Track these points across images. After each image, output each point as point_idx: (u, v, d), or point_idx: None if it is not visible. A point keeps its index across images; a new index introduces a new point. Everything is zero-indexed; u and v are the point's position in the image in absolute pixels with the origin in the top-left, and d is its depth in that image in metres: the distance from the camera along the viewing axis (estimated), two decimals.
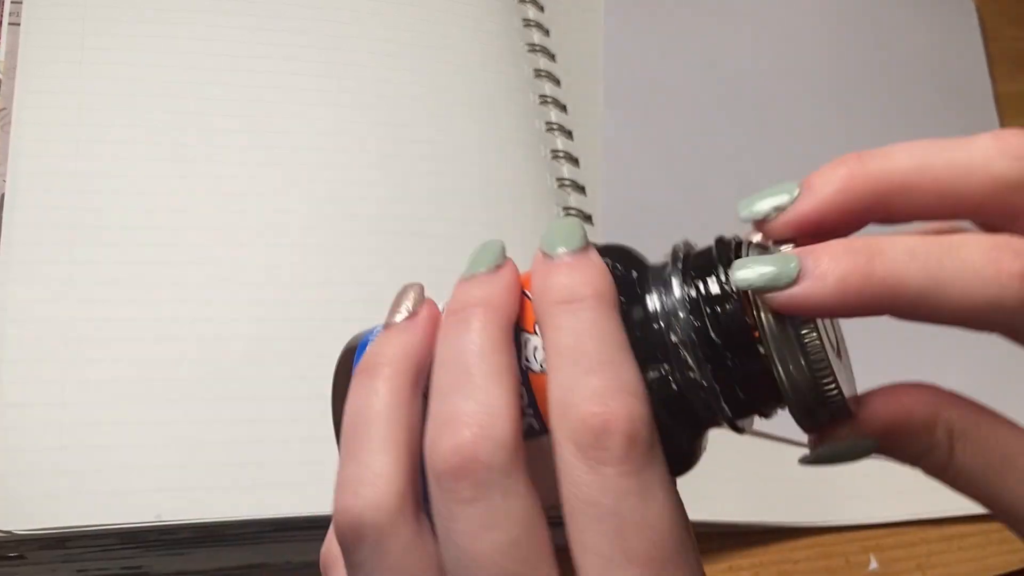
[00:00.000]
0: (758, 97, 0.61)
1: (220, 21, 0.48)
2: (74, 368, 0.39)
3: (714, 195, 0.55)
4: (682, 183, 0.55)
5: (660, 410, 0.24)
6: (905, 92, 0.65)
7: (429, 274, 0.45)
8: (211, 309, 0.42)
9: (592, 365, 0.23)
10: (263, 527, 0.39)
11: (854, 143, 0.63)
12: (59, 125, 0.43)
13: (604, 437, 0.22)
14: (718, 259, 0.25)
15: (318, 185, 0.46)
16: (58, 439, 0.37)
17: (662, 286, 0.25)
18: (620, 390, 0.23)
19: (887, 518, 0.49)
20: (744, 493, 0.47)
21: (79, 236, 0.41)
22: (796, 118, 0.61)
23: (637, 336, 0.24)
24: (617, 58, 0.59)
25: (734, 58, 0.62)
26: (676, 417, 0.24)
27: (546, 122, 0.53)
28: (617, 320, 0.24)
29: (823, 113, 0.62)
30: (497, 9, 0.55)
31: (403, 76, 0.50)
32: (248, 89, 0.47)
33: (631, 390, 0.23)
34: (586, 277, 0.24)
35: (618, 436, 0.22)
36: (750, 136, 0.59)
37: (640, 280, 0.25)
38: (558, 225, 0.26)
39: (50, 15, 0.46)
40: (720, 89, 0.61)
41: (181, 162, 0.44)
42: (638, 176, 0.55)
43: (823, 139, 0.60)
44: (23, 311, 0.39)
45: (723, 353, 0.24)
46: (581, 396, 0.23)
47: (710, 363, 0.24)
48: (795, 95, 0.62)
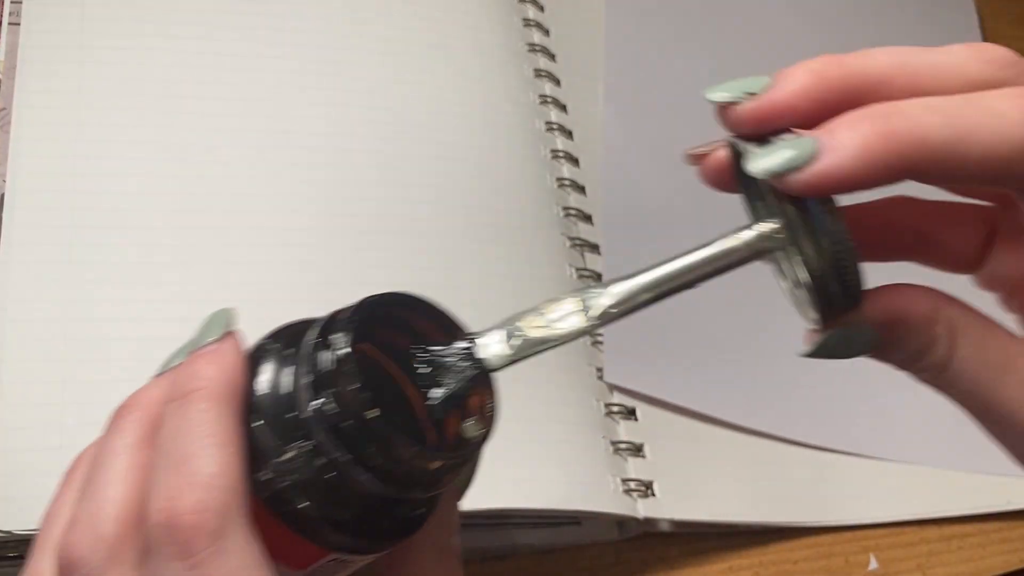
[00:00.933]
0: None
1: (220, 22, 0.48)
2: (74, 368, 0.39)
3: (714, 195, 0.55)
4: (682, 183, 0.55)
5: (314, 483, 0.23)
6: None
7: (429, 274, 0.45)
8: (211, 308, 0.41)
9: (170, 463, 0.23)
10: None
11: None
12: (59, 125, 0.43)
13: (171, 533, 0.22)
14: (323, 328, 0.25)
15: (318, 186, 0.46)
16: (58, 439, 0.37)
17: (299, 362, 0.24)
18: (191, 484, 0.22)
19: (887, 518, 0.49)
20: (744, 493, 0.47)
21: (79, 236, 0.41)
22: None
23: (273, 417, 0.24)
24: (617, 58, 0.59)
25: (734, 58, 0.62)
26: (334, 490, 0.23)
27: (546, 122, 0.53)
28: (218, 409, 0.23)
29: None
30: (497, 9, 0.55)
31: (403, 76, 0.50)
32: (248, 88, 0.47)
33: (205, 483, 0.22)
34: (198, 370, 0.24)
35: (182, 531, 0.22)
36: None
37: (286, 358, 0.25)
38: (205, 319, 0.26)
39: (50, 15, 0.46)
40: None
41: (181, 162, 0.44)
42: (638, 176, 0.55)
43: None
44: (23, 311, 0.39)
45: (346, 418, 0.23)
46: (155, 496, 0.23)
47: (337, 433, 0.23)
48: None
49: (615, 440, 0.45)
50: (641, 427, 0.46)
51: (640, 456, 0.45)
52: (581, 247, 0.50)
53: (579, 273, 0.49)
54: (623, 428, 0.46)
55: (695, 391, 0.48)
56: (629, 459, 0.45)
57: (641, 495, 0.44)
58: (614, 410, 0.46)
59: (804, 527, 0.47)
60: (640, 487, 0.44)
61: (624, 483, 0.44)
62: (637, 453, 0.45)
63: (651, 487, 0.44)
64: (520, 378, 0.44)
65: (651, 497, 0.44)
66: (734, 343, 0.51)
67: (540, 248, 0.48)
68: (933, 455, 0.51)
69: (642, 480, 0.44)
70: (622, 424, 0.46)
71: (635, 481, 0.44)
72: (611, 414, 0.46)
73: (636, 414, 0.46)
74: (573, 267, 0.49)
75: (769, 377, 0.51)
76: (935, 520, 0.49)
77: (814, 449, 0.49)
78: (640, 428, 0.46)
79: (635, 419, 0.46)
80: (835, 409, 0.51)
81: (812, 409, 0.51)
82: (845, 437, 0.50)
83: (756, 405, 0.49)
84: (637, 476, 0.44)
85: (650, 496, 0.44)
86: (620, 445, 0.45)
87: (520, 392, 0.44)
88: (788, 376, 0.51)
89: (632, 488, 0.44)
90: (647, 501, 0.44)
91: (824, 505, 0.48)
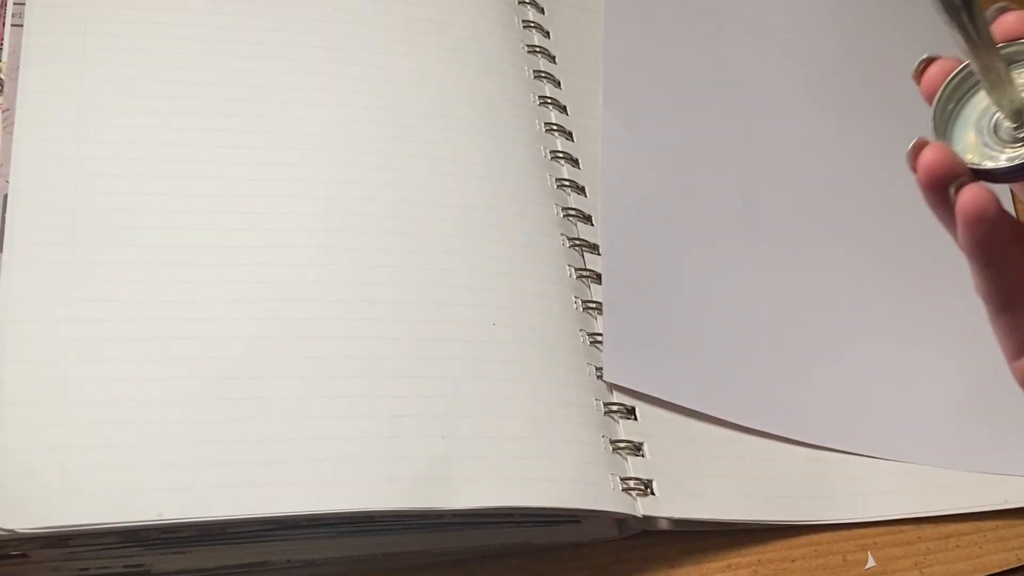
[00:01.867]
0: (758, 97, 0.61)
1: (222, 22, 0.48)
2: (75, 368, 0.39)
3: (714, 195, 0.55)
4: (682, 183, 0.56)
5: None
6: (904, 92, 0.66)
7: (430, 274, 0.46)
8: (212, 308, 0.42)
9: None
10: (265, 525, 0.39)
11: (852, 140, 0.64)
12: (62, 126, 0.44)
13: None
14: None
15: (319, 186, 0.46)
16: (59, 438, 0.37)
17: None
18: None
19: (885, 516, 0.49)
20: (743, 492, 0.47)
21: (81, 236, 0.41)
22: (795, 118, 0.61)
23: None
24: (617, 59, 0.59)
25: (734, 59, 0.62)
26: None
27: (546, 123, 0.54)
28: None
29: (821, 113, 0.62)
30: (497, 11, 0.56)
31: (404, 77, 0.50)
32: (249, 90, 0.47)
33: None
34: None
35: None
36: (750, 137, 0.59)
37: None
38: None
39: (52, 16, 0.46)
40: (720, 90, 0.61)
41: (183, 162, 0.44)
42: (638, 176, 0.55)
43: (821, 139, 0.61)
44: (25, 311, 0.39)
45: None
46: None
47: None
48: (794, 95, 0.62)
49: (615, 439, 0.45)
50: (640, 426, 0.46)
51: (639, 455, 0.45)
52: (581, 247, 0.50)
53: (579, 273, 0.49)
54: (622, 427, 0.46)
55: (694, 390, 0.49)
56: (628, 458, 0.45)
57: (640, 494, 0.44)
58: (613, 409, 0.46)
59: (802, 525, 0.48)
60: (639, 486, 0.44)
61: (623, 482, 0.44)
62: (636, 452, 0.45)
63: (650, 486, 0.45)
64: (520, 377, 0.44)
65: (650, 496, 0.44)
66: (734, 342, 0.51)
67: (540, 248, 0.49)
68: (931, 454, 0.51)
69: (641, 479, 0.44)
70: (621, 423, 0.46)
71: (634, 480, 0.44)
72: (610, 413, 0.46)
73: (635, 413, 0.47)
74: (573, 267, 0.49)
75: (768, 376, 0.51)
76: (933, 518, 0.49)
77: (813, 448, 0.50)
78: (639, 427, 0.46)
79: (634, 418, 0.46)
80: (833, 408, 0.51)
81: (810, 408, 0.51)
82: (844, 436, 0.50)
83: (755, 404, 0.50)
84: (636, 475, 0.45)
85: (649, 495, 0.44)
86: (619, 444, 0.45)
87: (521, 391, 0.44)
88: (786, 375, 0.51)
89: (631, 487, 0.44)
90: (646, 500, 0.44)
91: (823, 504, 0.48)
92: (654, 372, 0.48)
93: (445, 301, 0.45)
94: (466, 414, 0.42)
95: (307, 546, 0.42)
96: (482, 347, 0.44)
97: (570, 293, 0.48)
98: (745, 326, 0.52)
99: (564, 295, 0.48)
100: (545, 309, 0.47)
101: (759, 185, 0.57)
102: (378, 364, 0.42)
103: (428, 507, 0.40)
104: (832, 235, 0.57)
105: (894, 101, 0.65)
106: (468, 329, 0.44)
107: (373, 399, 0.41)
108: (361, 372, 0.42)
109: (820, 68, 0.64)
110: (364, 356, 0.42)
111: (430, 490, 0.40)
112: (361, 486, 0.39)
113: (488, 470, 0.41)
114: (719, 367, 0.50)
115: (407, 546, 0.43)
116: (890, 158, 0.35)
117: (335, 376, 0.41)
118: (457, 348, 0.44)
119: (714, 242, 0.53)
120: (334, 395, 0.41)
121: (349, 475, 0.39)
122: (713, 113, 0.60)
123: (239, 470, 0.38)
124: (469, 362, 0.43)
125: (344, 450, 0.40)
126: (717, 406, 0.49)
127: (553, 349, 0.46)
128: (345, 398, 0.41)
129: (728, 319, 0.52)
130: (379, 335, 0.43)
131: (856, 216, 0.58)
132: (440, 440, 0.41)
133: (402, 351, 0.43)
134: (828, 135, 0.61)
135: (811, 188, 0.58)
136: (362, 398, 0.41)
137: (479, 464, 0.41)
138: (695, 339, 0.51)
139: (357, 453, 0.40)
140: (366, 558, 0.43)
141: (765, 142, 0.59)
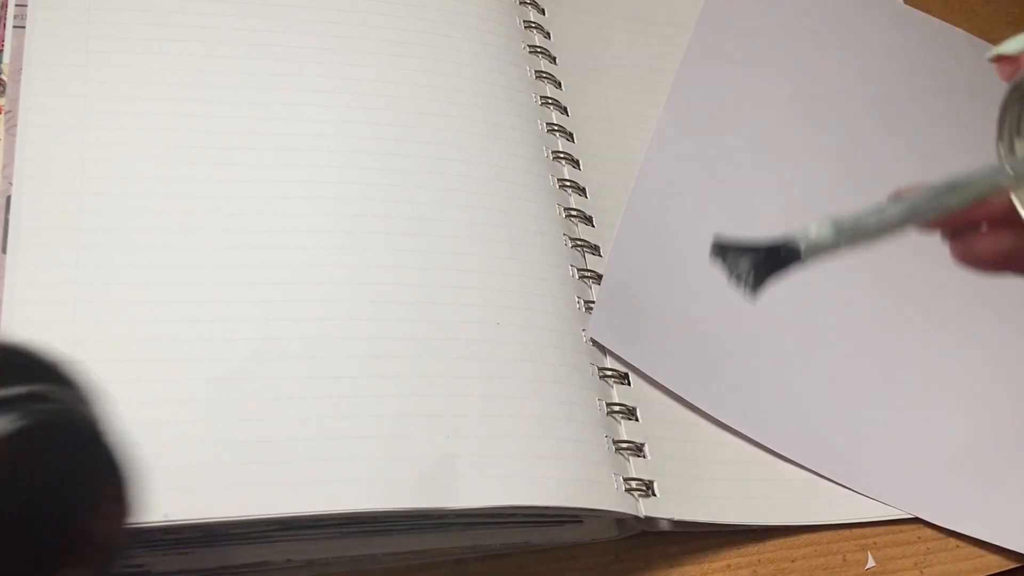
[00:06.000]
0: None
1: (225, 23, 0.48)
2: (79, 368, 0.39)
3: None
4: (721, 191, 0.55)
5: None
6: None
7: (434, 274, 0.46)
8: (216, 309, 0.42)
9: None
10: (270, 526, 0.39)
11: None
12: (64, 127, 0.44)
13: None
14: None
15: (323, 187, 0.46)
16: None
17: None
18: None
19: (884, 516, 0.49)
20: (743, 493, 0.47)
21: (85, 238, 0.42)
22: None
23: None
24: (695, 67, 0.59)
25: (810, 95, 0.62)
26: None
27: (547, 123, 0.54)
28: None
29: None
30: (498, 11, 0.56)
31: (404, 78, 0.51)
32: (253, 91, 0.47)
33: None
34: None
35: None
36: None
37: None
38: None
39: (55, 18, 0.46)
40: (787, 122, 0.61)
41: (187, 163, 0.44)
42: (678, 174, 0.55)
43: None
44: (29, 312, 0.40)
45: None
46: None
47: None
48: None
49: (617, 440, 0.45)
50: (642, 427, 0.47)
51: (641, 456, 0.46)
52: (582, 248, 0.51)
53: (580, 273, 0.49)
54: (624, 428, 0.46)
55: (677, 373, 0.48)
56: (630, 459, 0.45)
57: (642, 494, 0.44)
58: (615, 410, 0.46)
59: (802, 526, 0.48)
60: (641, 486, 0.44)
61: (626, 482, 0.44)
62: (638, 453, 0.46)
63: (652, 487, 0.45)
64: (525, 376, 0.44)
65: (652, 497, 0.45)
66: (732, 342, 0.51)
67: (543, 248, 0.49)
68: (923, 506, 0.49)
69: (643, 480, 0.45)
70: (623, 424, 0.46)
71: (636, 480, 0.44)
72: (612, 414, 0.46)
73: (637, 414, 0.47)
74: (574, 268, 0.49)
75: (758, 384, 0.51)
76: None
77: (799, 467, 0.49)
78: (641, 428, 0.47)
79: (636, 419, 0.47)
80: (827, 434, 0.50)
81: (798, 426, 0.50)
82: (833, 463, 0.49)
83: (739, 404, 0.49)
84: (638, 476, 0.45)
85: (651, 496, 0.45)
86: (622, 445, 0.45)
87: (525, 390, 0.44)
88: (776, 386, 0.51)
89: (633, 487, 0.44)
90: (648, 500, 0.44)
91: (822, 504, 0.48)
92: (639, 343, 0.48)
93: (449, 301, 0.45)
94: (471, 413, 0.42)
95: (309, 546, 0.42)
96: (486, 347, 0.44)
97: (572, 293, 0.48)
98: (744, 329, 0.52)
99: (567, 295, 0.48)
100: (549, 309, 0.47)
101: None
102: (382, 364, 0.42)
103: (434, 507, 0.40)
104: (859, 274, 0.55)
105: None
106: (472, 329, 0.44)
107: (377, 399, 0.41)
108: (365, 372, 0.42)
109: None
110: (368, 356, 0.42)
111: (436, 489, 0.40)
112: (367, 486, 0.39)
113: (493, 469, 0.41)
114: (708, 359, 0.50)
115: (409, 546, 0.43)
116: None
117: (339, 376, 0.41)
118: (461, 348, 0.44)
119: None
120: (338, 395, 0.41)
121: (355, 475, 0.39)
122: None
123: (245, 471, 0.38)
124: (473, 361, 0.44)
125: (349, 450, 0.40)
126: (717, 406, 0.49)
127: (557, 349, 0.46)
128: (349, 398, 0.41)
129: (728, 319, 0.51)
130: (383, 335, 0.43)
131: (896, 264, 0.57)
132: (445, 439, 0.41)
133: (407, 351, 0.43)
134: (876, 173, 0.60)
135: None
136: (366, 398, 0.41)
137: (484, 463, 0.41)
138: (689, 326, 0.50)
139: (362, 453, 0.40)
140: (367, 557, 0.43)
141: (820, 171, 0.59)
